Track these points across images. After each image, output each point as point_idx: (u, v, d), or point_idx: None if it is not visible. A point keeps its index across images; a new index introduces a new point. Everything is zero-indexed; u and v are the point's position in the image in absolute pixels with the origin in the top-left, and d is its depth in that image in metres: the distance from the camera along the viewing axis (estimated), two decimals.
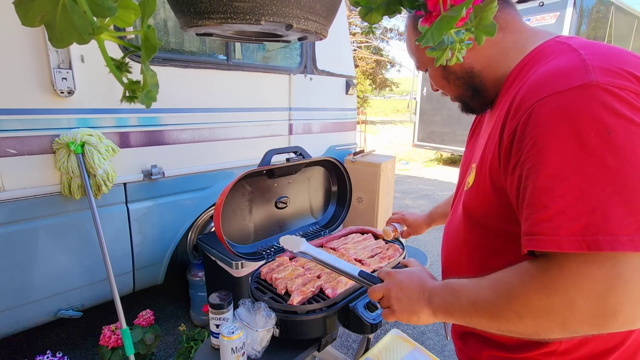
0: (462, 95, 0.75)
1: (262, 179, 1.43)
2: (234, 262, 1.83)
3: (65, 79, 1.64)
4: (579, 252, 0.45)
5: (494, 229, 0.65)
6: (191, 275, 2.27)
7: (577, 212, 0.45)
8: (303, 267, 1.23)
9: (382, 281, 0.78)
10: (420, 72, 7.67)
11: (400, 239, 1.50)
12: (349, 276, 0.91)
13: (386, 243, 1.44)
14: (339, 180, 1.68)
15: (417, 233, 1.31)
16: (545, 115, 0.50)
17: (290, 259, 1.31)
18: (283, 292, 1.10)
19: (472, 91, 0.72)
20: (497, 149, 0.59)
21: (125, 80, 0.30)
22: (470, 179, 0.69)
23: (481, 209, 0.66)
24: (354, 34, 18.01)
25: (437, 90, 0.82)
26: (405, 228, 1.33)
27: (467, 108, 0.79)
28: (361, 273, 0.88)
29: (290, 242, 1.07)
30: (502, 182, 0.59)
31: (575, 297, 0.45)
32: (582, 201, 0.45)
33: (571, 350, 0.61)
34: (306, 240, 1.10)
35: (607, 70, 0.49)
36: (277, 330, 0.99)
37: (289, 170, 1.46)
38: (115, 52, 1.59)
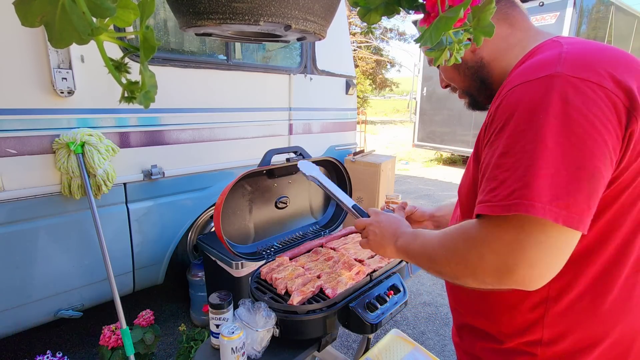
0: (470, 86, 0.78)
1: (262, 179, 1.43)
2: (234, 262, 1.83)
3: (65, 79, 1.64)
4: (495, 215, 0.53)
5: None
6: (191, 275, 2.27)
7: (511, 182, 0.52)
8: (303, 267, 1.23)
9: (369, 217, 0.91)
10: (420, 72, 7.72)
11: None
12: (344, 206, 1.01)
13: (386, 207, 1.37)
14: (339, 180, 1.68)
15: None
16: (511, 101, 0.56)
17: (290, 259, 1.31)
18: (283, 292, 1.10)
19: (479, 82, 0.76)
20: (482, 132, 0.65)
21: (124, 80, 0.30)
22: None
23: (467, 196, 0.71)
24: (354, 34, 18.01)
25: (446, 87, 0.85)
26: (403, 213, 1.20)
27: (473, 103, 0.82)
28: (354, 206, 0.99)
29: (306, 166, 1.15)
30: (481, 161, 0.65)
31: (484, 252, 0.54)
32: (517, 174, 0.51)
33: (555, 341, 0.63)
34: (307, 239, 1.10)
35: (577, 63, 0.53)
36: (277, 330, 0.99)
37: (289, 170, 1.46)
38: (116, 53, 1.59)
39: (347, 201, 1.01)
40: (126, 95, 0.30)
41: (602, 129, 0.50)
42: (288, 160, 1.41)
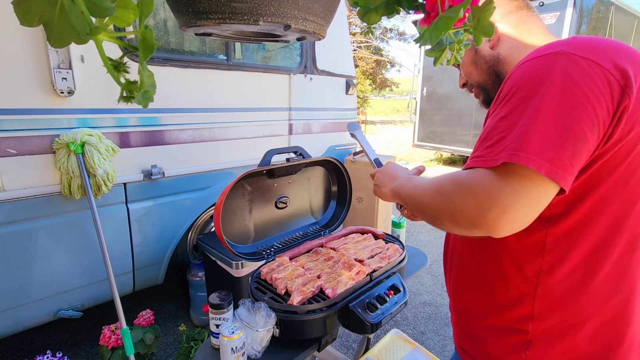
0: (485, 81, 0.83)
1: (262, 179, 1.43)
2: (234, 262, 1.83)
3: (65, 79, 1.64)
4: (484, 167, 0.57)
5: None
6: (191, 275, 2.27)
7: (505, 141, 0.56)
8: (303, 267, 1.23)
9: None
10: (420, 72, 7.71)
11: (401, 239, 1.50)
12: (368, 159, 1.16)
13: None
14: (339, 180, 1.68)
15: None
16: (518, 74, 0.61)
17: (290, 259, 1.31)
18: (283, 292, 1.10)
19: (495, 76, 0.81)
20: (490, 108, 0.68)
21: (122, 80, 0.30)
22: None
23: None
24: (354, 34, 18.00)
25: (464, 86, 0.91)
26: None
27: (487, 100, 0.86)
28: (375, 159, 1.13)
29: (352, 126, 1.30)
30: None
31: (466, 195, 0.57)
32: (511, 133, 0.55)
33: (545, 316, 0.66)
34: (307, 239, 1.11)
35: (582, 46, 0.58)
36: (277, 330, 0.99)
37: (289, 170, 1.46)
38: (115, 52, 1.59)
39: (371, 155, 1.17)
40: (125, 94, 0.30)
41: (594, 99, 0.54)
42: (288, 160, 1.41)
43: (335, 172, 1.66)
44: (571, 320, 0.65)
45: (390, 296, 1.11)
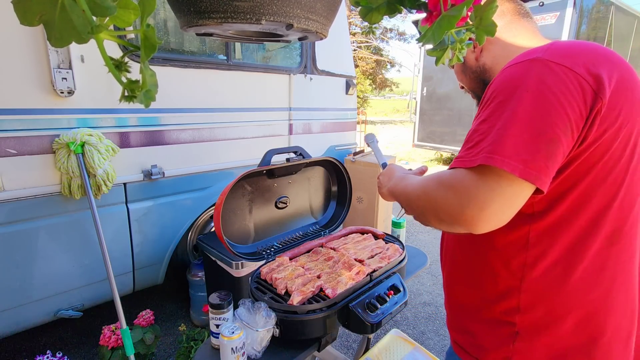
0: (475, 87, 0.91)
1: (262, 179, 1.43)
2: (234, 262, 1.83)
3: (65, 79, 1.64)
4: (464, 167, 0.61)
5: None
6: (191, 275, 2.27)
7: (483, 143, 0.60)
8: (303, 267, 1.23)
9: None
10: (420, 72, 7.73)
11: (401, 239, 1.50)
12: (379, 162, 1.24)
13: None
14: (339, 180, 1.68)
15: None
16: (498, 80, 0.65)
17: (290, 259, 1.31)
18: (283, 292, 1.10)
19: (482, 84, 0.87)
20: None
21: (124, 79, 0.30)
22: None
23: None
24: (354, 34, 18.00)
25: (462, 87, 0.98)
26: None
27: (478, 100, 0.92)
28: (383, 164, 1.20)
29: (369, 137, 1.39)
30: None
31: (448, 193, 0.61)
32: (489, 136, 0.59)
33: (530, 308, 0.69)
34: (307, 239, 1.11)
35: (558, 53, 0.61)
36: (277, 330, 0.99)
37: (289, 170, 1.46)
38: (115, 52, 1.59)
39: (380, 159, 1.26)
40: (126, 94, 0.30)
41: (567, 104, 0.57)
42: (288, 160, 1.41)
43: (335, 172, 1.66)
44: (555, 313, 0.68)
45: (390, 296, 1.11)
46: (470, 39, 0.41)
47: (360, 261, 1.28)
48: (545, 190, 0.57)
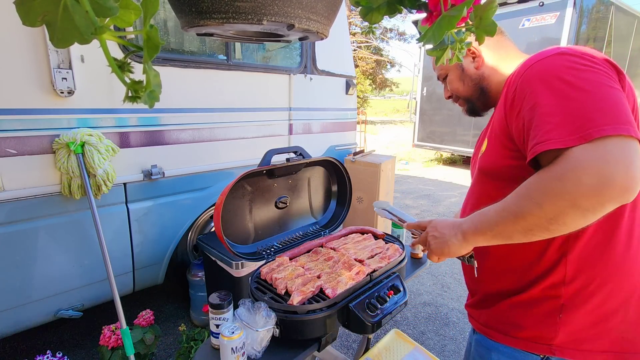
0: (472, 95, 0.98)
1: (262, 179, 1.43)
2: (234, 262, 1.83)
3: (65, 79, 1.64)
4: (578, 144, 0.59)
5: (502, 178, 0.81)
6: (191, 275, 2.27)
7: (570, 121, 0.62)
8: (303, 267, 1.23)
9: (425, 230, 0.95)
10: (420, 72, 7.72)
11: (401, 239, 1.50)
12: (404, 226, 1.10)
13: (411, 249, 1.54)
14: (339, 180, 1.68)
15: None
16: (533, 74, 0.71)
17: (290, 259, 1.31)
18: (283, 292, 1.10)
19: (480, 91, 0.96)
20: (502, 112, 0.78)
21: (127, 80, 0.30)
22: (484, 147, 0.88)
23: (493, 164, 0.83)
24: (354, 34, 17.99)
25: (449, 97, 1.04)
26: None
27: (471, 109, 1.01)
28: (409, 224, 1.08)
29: (380, 204, 1.28)
30: (510, 132, 0.75)
31: (581, 175, 0.57)
32: (571, 114, 0.62)
33: (576, 278, 0.74)
34: (307, 239, 1.10)
35: (575, 47, 0.70)
36: (277, 330, 0.99)
37: (289, 170, 1.46)
38: (114, 53, 1.59)
39: (409, 219, 1.12)
40: (130, 95, 0.30)
41: (613, 81, 0.65)
42: (288, 160, 1.41)
43: (335, 172, 1.66)
44: (599, 279, 0.73)
45: (390, 296, 1.11)
46: (472, 53, 0.41)
47: (360, 261, 1.28)
48: None
